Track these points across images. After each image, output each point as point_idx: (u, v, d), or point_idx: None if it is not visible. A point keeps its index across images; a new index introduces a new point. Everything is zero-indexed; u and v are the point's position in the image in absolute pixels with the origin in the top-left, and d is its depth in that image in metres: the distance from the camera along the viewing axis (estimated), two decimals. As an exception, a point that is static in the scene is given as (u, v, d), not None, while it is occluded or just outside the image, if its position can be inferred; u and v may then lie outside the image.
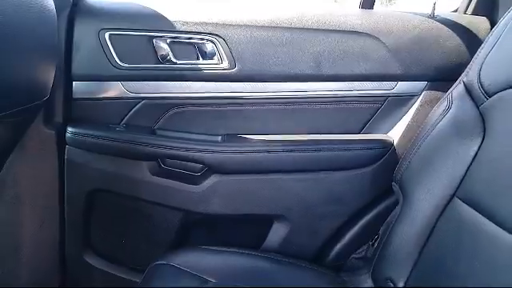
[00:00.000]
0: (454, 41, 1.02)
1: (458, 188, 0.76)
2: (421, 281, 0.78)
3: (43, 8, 0.73)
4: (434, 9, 1.05)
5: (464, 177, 0.76)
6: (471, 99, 0.81)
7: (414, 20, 1.04)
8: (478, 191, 0.72)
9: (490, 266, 0.65)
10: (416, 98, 1.04)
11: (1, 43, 0.62)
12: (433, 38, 1.03)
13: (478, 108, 0.78)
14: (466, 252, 0.70)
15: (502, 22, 0.80)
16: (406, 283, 0.80)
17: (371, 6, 1.10)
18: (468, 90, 0.82)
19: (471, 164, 0.75)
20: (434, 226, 0.78)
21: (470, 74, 0.82)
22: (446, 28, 1.03)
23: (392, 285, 0.82)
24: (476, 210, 0.71)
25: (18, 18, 0.66)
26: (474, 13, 1.08)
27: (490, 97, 0.76)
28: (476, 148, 0.75)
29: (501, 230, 0.64)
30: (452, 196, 0.77)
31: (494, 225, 0.66)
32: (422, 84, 1.03)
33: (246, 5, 1.05)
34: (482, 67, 0.80)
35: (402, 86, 1.04)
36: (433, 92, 1.02)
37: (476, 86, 0.79)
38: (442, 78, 1.00)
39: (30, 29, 0.71)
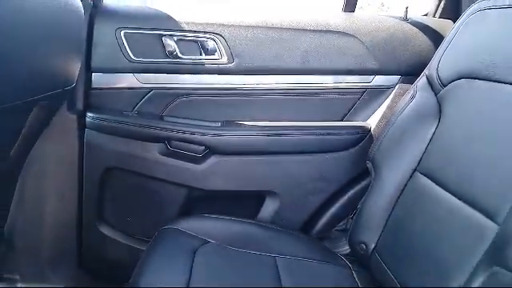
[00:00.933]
0: (423, 40, 1.17)
1: (418, 163, 0.92)
2: (387, 242, 0.93)
3: (73, 10, 0.88)
4: (407, 12, 1.20)
5: (423, 154, 0.91)
6: (431, 89, 0.96)
7: (388, 22, 1.20)
8: (433, 165, 0.88)
9: (437, 221, 0.80)
10: (391, 90, 1.19)
11: (43, 39, 0.77)
12: (405, 37, 1.18)
13: (436, 96, 0.94)
14: (422, 214, 0.85)
15: (456, 24, 0.96)
16: (376, 245, 0.95)
17: (352, 10, 1.26)
18: (429, 81, 0.97)
19: (429, 143, 0.91)
20: (399, 196, 0.94)
21: (430, 68, 0.98)
22: (416, 29, 1.19)
23: (365, 247, 0.97)
24: (431, 180, 0.86)
25: (56, 19, 0.81)
26: (441, 16, 1.24)
27: (445, 86, 0.91)
28: (433, 129, 0.91)
29: (448, 193, 0.79)
30: (414, 170, 0.92)
31: (442, 190, 0.81)
32: (396, 78, 1.19)
33: (243, 7, 1.20)
34: (440, 62, 0.95)
35: (378, 80, 1.19)
36: (405, 85, 1.17)
37: (435, 77, 0.95)
38: (413, 72, 1.15)
39: (63, 28, 0.85)
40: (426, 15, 1.29)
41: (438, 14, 1.24)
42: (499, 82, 0.76)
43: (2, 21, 0.62)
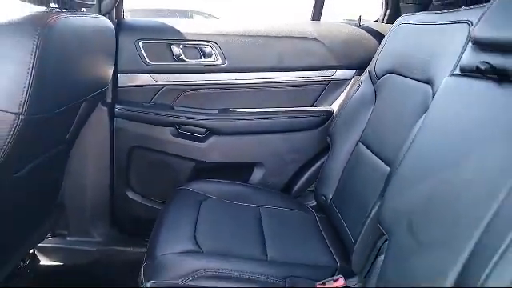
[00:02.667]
0: (373, 42, 1.51)
1: (361, 136, 1.26)
2: (339, 194, 1.27)
3: (107, 30, 1.22)
4: (360, 20, 1.54)
5: (364, 129, 1.26)
6: (371, 81, 1.30)
7: (346, 28, 1.54)
8: (368, 137, 1.22)
9: (367, 175, 1.14)
10: (348, 81, 1.53)
11: (92, 54, 1.12)
12: (359, 40, 1.52)
13: (373, 86, 1.28)
14: (360, 172, 1.20)
15: (388, 33, 1.30)
16: (332, 197, 1.30)
17: (319, 19, 1.59)
18: (370, 75, 1.32)
19: (368, 120, 1.25)
20: (347, 161, 1.29)
21: (371, 65, 1.32)
22: (367, 33, 1.53)
23: (324, 198, 1.32)
24: (367, 148, 1.21)
25: (97, 38, 1.15)
26: (388, 22, 1.57)
27: (379, 79, 1.26)
28: (371, 111, 1.26)
29: (375, 156, 1.14)
30: (358, 141, 1.27)
31: (371, 154, 1.16)
32: (352, 72, 1.53)
33: (232, 21, 1.53)
34: (377, 60, 1.30)
35: (338, 74, 1.54)
36: (359, 77, 1.50)
37: (373, 72, 1.29)
38: (365, 67, 1.48)
39: (102, 44, 1.20)
40: (376, 21, 1.63)
41: (385, 21, 1.58)
42: (407, 77, 1.10)
43: (66, 45, 0.95)
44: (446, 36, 0.90)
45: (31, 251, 1.50)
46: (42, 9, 0.91)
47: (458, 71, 0.75)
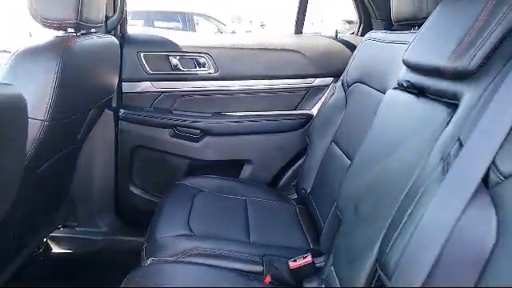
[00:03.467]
0: (348, 53, 1.69)
1: (334, 136, 1.45)
2: (316, 188, 1.45)
3: (114, 45, 1.41)
4: (337, 33, 1.73)
5: (337, 131, 1.44)
6: (343, 88, 1.49)
7: (324, 40, 1.72)
8: (339, 138, 1.41)
9: (338, 175, 1.31)
10: (326, 88, 1.72)
11: (101, 66, 1.30)
12: (335, 51, 1.71)
13: (345, 93, 1.47)
14: (332, 169, 1.38)
15: (358, 46, 1.48)
16: (310, 190, 1.48)
17: (300, 32, 1.78)
18: (342, 83, 1.50)
19: (340, 123, 1.44)
20: (322, 159, 1.47)
21: (344, 74, 1.51)
22: (343, 45, 1.71)
23: (304, 192, 1.50)
24: (337, 147, 1.39)
25: (106, 52, 1.34)
26: (362, 35, 1.75)
27: (349, 87, 1.44)
28: (342, 115, 1.44)
29: (343, 155, 1.32)
30: (331, 141, 1.45)
31: (343, 154, 1.34)
32: (330, 79, 1.72)
33: (223, 35, 1.72)
34: (348, 70, 1.48)
35: (318, 81, 1.73)
36: (336, 84, 1.69)
37: (345, 81, 1.48)
38: (340, 76, 1.67)
39: (110, 57, 1.39)
40: (352, 34, 1.81)
41: (359, 34, 1.76)
42: (370, 86, 1.29)
43: (81, 62, 1.14)
44: (398, 54, 1.08)
45: (44, 240, 1.69)
46: (62, 33, 1.10)
47: (396, 85, 0.94)
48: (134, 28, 1.51)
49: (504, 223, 0.54)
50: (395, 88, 0.95)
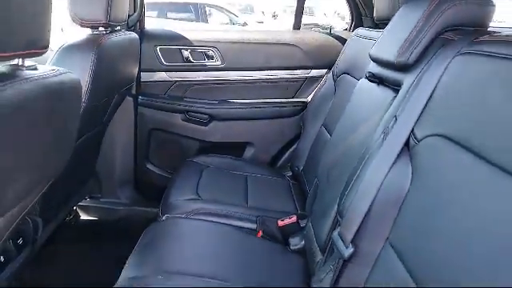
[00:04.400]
0: (341, 47, 1.88)
1: (324, 121, 1.66)
2: (308, 166, 1.67)
3: (136, 41, 1.64)
4: (331, 29, 1.94)
5: (326, 116, 1.66)
6: (333, 78, 1.70)
7: (319, 35, 1.93)
8: (328, 122, 1.62)
9: (327, 152, 1.55)
10: (321, 78, 1.93)
11: (124, 60, 1.54)
12: (330, 45, 1.92)
13: (334, 83, 1.68)
14: (320, 149, 1.60)
15: (348, 39, 1.68)
16: (303, 168, 1.71)
17: (298, 28, 1.99)
18: (332, 74, 1.72)
19: (329, 109, 1.65)
20: (313, 141, 1.69)
21: (334, 66, 1.72)
22: (336, 40, 1.92)
23: (297, 169, 1.73)
24: (326, 130, 1.61)
25: (129, 48, 1.57)
26: (353, 31, 1.95)
27: (338, 77, 1.66)
28: (331, 102, 1.65)
29: (330, 136, 1.54)
30: (321, 126, 1.67)
31: (329, 135, 1.56)
32: (324, 70, 1.93)
33: (229, 31, 1.93)
34: (338, 62, 1.69)
35: (313, 72, 1.94)
36: (329, 75, 1.90)
37: (335, 72, 1.69)
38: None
39: (132, 51, 1.62)
40: (346, 30, 2.01)
41: (351, 30, 1.96)
42: (353, 77, 1.50)
43: (110, 55, 1.37)
44: (373, 50, 1.29)
45: (74, 208, 1.95)
46: (94, 31, 1.34)
47: (365, 76, 1.15)
48: (148, 19, 1.73)
49: (416, 173, 0.76)
50: (364, 78, 1.17)
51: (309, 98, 1.95)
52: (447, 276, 0.58)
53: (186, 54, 1.89)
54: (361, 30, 1.63)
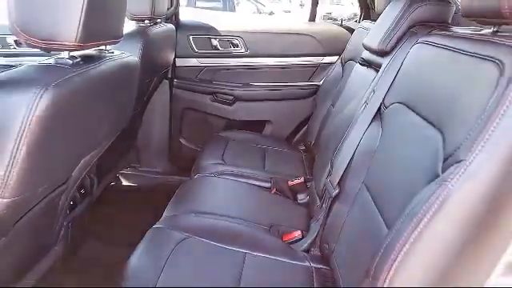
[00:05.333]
0: (350, 37, 2.13)
1: (332, 100, 1.92)
2: (316, 139, 1.94)
3: (173, 31, 1.94)
4: (342, 21, 2.17)
5: (334, 96, 1.91)
6: (341, 64, 1.95)
7: (332, 26, 2.18)
8: (336, 101, 1.88)
9: (332, 125, 1.82)
10: (333, 64, 2.18)
11: (164, 48, 1.85)
12: (341, 35, 2.16)
13: (342, 68, 1.93)
14: (329, 125, 1.87)
15: (355, 31, 1.93)
16: (313, 141, 1.97)
17: (314, 20, 2.24)
18: (341, 60, 1.97)
19: (337, 90, 1.91)
20: (323, 117, 1.95)
21: (343, 53, 1.97)
22: (346, 30, 2.16)
23: (309, 143, 2.00)
24: (333, 108, 1.86)
25: (168, 37, 1.87)
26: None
27: (345, 63, 1.91)
28: (339, 83, 1.91)
29: (338, 113, 1.81)
30: (330, 105, 1.93)
31: (333, 108, 1.82)
32: (335, 58, 2.17)
33: (253, 22, 2.21)
34: (345, 51, 1.94)
35: (326, 59, 2.19)
36: (339, 61, 2.15)
37: (343, 58, 1.94)
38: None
39: (170, 40, 1.92)
40: (355, 21, 2.25)
41: (360, 22, 2.19)
42: (356, 62, 1.75)
43: (154, 44, 1.67)
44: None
45: (117, 175, 2.29)
46: (142, 24, 1.64)
47: (359, 61, 1.41)
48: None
49: (383, 131, 1.02)
50: (358, 62, 1.43)
51: (321, 82, 2.21)
52: (390, 195, 0.85)
53: (214, 42, 2.17)
54: (365, 23, 1.87)
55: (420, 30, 1.06)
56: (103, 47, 1.04)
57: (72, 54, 0.89)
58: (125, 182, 2.32)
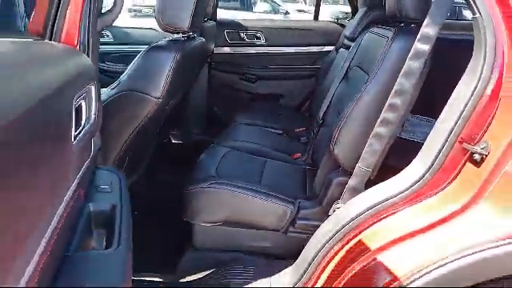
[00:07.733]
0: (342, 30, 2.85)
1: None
2: (328, 115, 2.68)
3: (203, 43, 2.70)
4: (338, 19, 2.91)
5: (329, 74, 2.65)
6: (335, 51, 2.68)
7: (330, 24, 2.92)
8: (330, 78, 2.61)
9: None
10: (329, 52, 2.90)
11: (196, 62, 2.60)
12: (337, 31, 2.89)
13: (336, 54, 2.66)
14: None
15: (347, 26, 2.66)
16: (322, 119, 2.70)
17: (317, 19, 2.98)
18: (336, 48, 2.70)
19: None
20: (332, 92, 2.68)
21: (337, 44, 2.70)
22: (341, 27, 2.88)
23: (318, 119, 2.73)
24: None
25: (199, 50, 2.63)
26: (353, 21, 2.90)
27: (337, 50, 2.64)
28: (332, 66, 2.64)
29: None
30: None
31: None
32: (332, 47, 2.90)
33: (271, 20, 2.95)
34: (339, 41, 2.67)
35: (325, 48, 2.92)
36: (334, 49, 2.86)
37: (337, 47, 2.67)
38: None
39: (202, 54, 2.68)
40: (348, 20, 2.97)
41: (350, 19, 2.91)
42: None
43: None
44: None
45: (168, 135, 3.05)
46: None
47: (341, 46, 2.14)
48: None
49: (347, 84, 1.75)
50: (341, 47, 2.17)
51: (320, 65, 2.94)
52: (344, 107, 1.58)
53: (242, 35, 2.93)
54: (352, 20, 2.60)
55: (372, 24, 1.80)
56: (188, 34, 1.78)
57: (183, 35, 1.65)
58: (173, 141, 3.09)
